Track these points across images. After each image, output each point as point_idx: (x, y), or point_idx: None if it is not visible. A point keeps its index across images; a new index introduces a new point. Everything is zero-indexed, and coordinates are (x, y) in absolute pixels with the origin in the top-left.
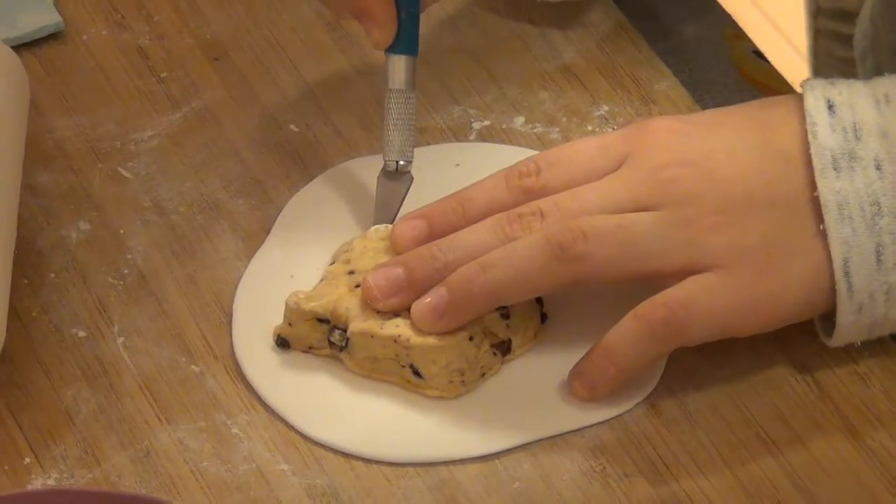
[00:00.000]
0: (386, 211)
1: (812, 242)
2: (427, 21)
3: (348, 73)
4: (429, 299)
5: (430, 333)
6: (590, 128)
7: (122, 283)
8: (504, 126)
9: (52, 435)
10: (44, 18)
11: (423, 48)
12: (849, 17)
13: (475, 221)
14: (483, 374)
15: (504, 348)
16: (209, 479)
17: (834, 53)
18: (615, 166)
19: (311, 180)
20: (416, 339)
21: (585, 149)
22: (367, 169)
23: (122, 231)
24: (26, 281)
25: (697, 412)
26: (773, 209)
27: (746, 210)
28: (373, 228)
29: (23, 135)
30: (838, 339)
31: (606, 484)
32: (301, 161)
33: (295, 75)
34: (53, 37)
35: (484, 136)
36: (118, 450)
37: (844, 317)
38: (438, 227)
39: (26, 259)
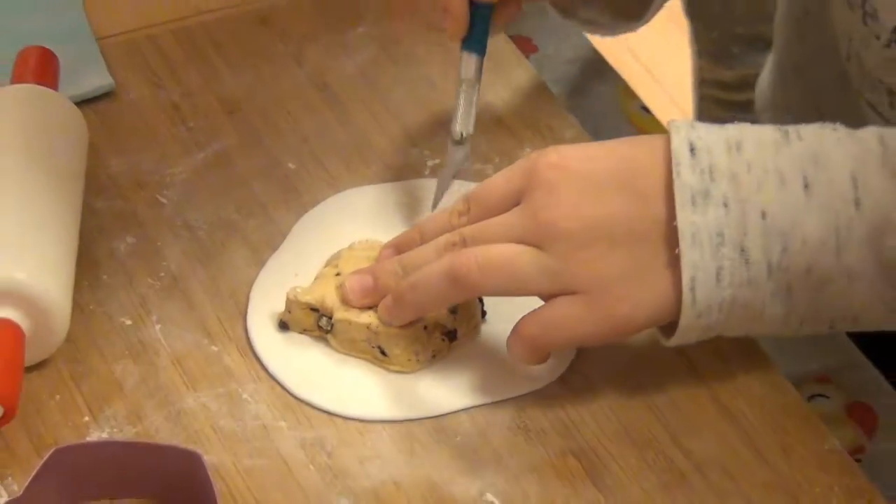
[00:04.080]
0: (447, 171)
1: (664, 269)
2: (396, 85)
3: (333, 125)
4: (385, 301)
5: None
6: None
7: (158, 283)
8: None
9: (105, 399)
10: (100, 81)
11: (395, 107)
12: (726, 86)
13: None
14: (434, 356)
15: (451, 336)
16: (225, 433)
17: (714, 114)
18: (517, 197)
19: (304, 206)
20: (383, 327)
21: (496, 186)
22: (357, 200)
23: (159, 244)
24: (86, 282)
25: (599, 384)
26: (631, 245)
27: (609, 247)
28: (357, 241)
29: (83, 170)
30: (676, 339)
31: (528, 437)
32: (297, 191)
33: (293, 125)
34: (107, 95)
35: (436, 171)
36: (155, 411)
37: (686, 321)
38: (403, 251)
39: (86, 265)
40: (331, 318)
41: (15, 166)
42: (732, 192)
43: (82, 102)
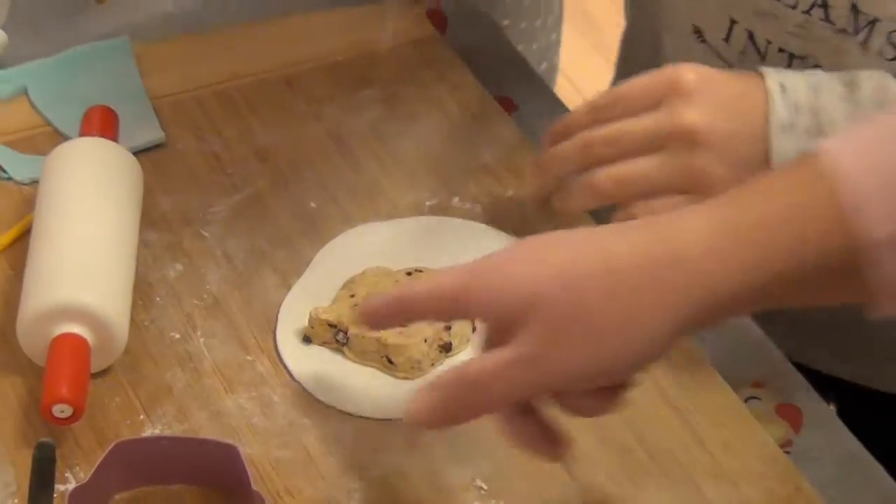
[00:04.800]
0: None
1: None
2: (399, 138)
3: (347, 171)
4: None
5: (397, 336)
6: (502, 204)
7: (202, 303)
8: (445, 204)
9: (157, 401)
10: (153, 134)
11: (399, 156)
12: None
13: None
14: (433, 364)
15: (447, 348)
16: (258, 429)
17: None
18: (655, 102)
19: (323, 239)
20: (390, 340)
21: (637, 89)
22: (368, 234)
23: (202, 270)
24: (141, 302)
25: None
26: (737, 160)
27: (720, 160)
28: (368, 268)
29: (139, 208)
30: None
31: None
32: (316, 226)
33: (314, 171)
34: (159, 146)
35: (433, 210)
36: (200, 411)
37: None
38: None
39: (141, 288)
40: (346, 332)
41: (83, 205)
42: (813, 125)
43: (138, 152)
